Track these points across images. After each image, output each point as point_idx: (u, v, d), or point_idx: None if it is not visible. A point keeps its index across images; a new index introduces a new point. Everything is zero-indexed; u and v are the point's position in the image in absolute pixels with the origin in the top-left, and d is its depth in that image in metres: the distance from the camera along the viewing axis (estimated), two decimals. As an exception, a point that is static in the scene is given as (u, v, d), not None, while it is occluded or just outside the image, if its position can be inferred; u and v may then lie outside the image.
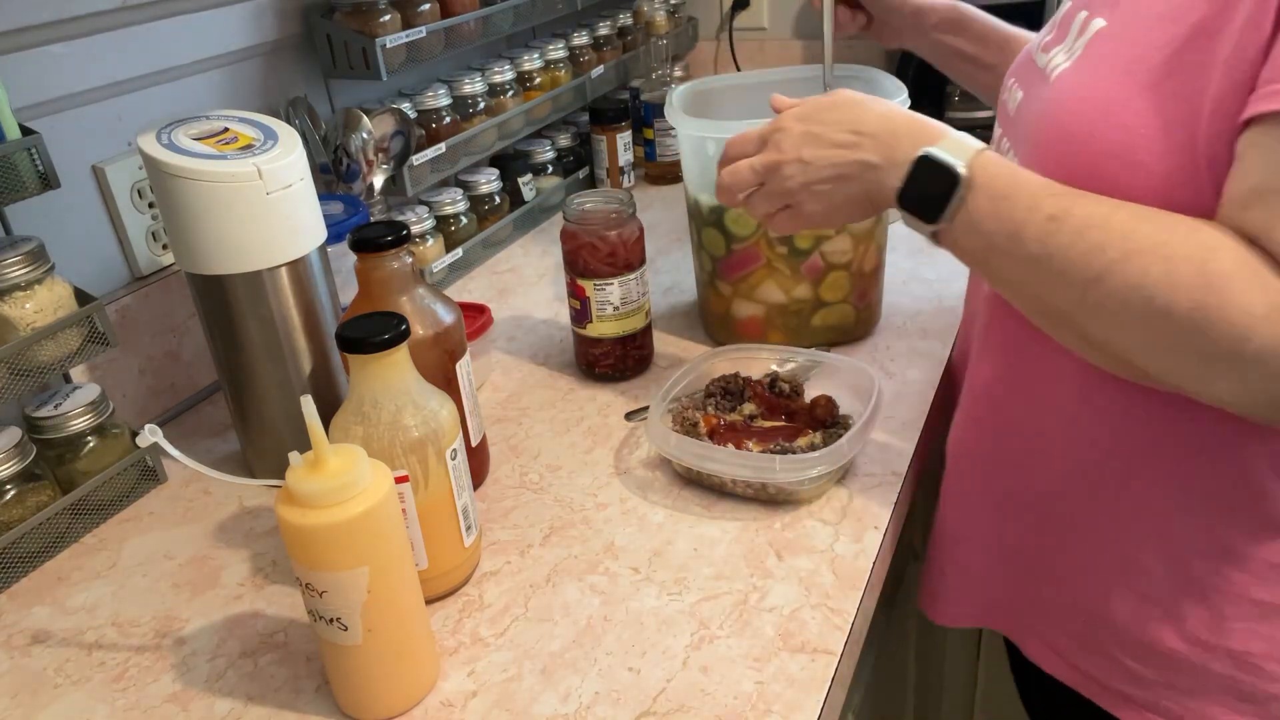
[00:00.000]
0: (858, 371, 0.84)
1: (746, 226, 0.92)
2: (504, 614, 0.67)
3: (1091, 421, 0.64)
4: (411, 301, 0.73)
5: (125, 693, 0.63)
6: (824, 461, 0.72)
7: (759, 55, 1.73)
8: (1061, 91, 0.61)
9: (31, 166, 0.73)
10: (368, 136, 1.01)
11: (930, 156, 0.60)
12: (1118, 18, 0.59)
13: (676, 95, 0.98)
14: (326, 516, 0.53)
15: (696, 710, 0.58)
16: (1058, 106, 0.60)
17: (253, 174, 0.71)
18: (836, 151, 0.65)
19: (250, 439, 0.83)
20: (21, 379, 0.74)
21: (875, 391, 0.78)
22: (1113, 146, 0.55)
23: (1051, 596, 0.71)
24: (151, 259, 0.93)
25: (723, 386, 0.86)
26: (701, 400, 0.85)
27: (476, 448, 0.79)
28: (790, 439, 0.79)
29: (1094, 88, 0.58)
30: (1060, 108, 0.60)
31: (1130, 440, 0.63)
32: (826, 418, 0.82)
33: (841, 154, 0.65)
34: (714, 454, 0.75)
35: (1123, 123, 0.55)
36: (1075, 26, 0.63)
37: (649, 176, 1.53)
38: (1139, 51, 0.55)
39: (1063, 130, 0.59)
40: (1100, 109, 0.56)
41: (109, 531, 0.80)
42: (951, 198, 0.59)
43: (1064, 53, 0.63)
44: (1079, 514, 0.67)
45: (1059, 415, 0.66)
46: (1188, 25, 0.53)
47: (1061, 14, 0.68)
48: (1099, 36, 0.60)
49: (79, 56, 0.84)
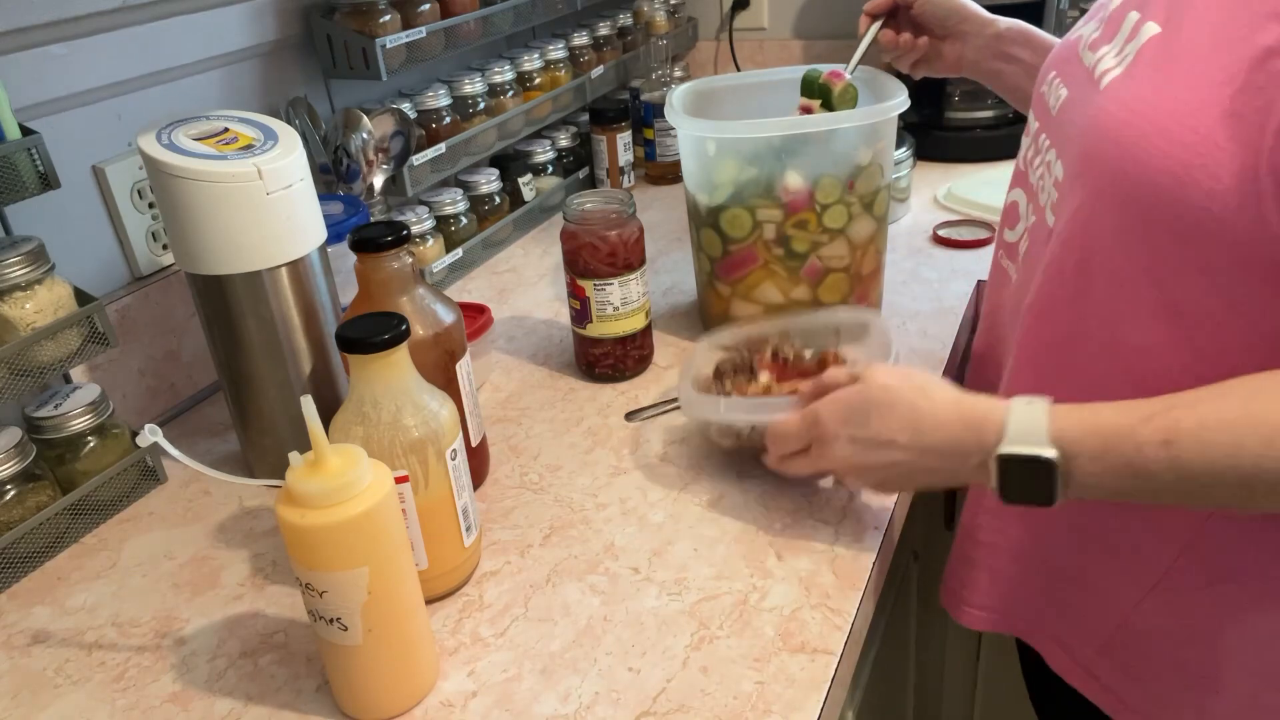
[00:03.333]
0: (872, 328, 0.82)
1: (742, 228, 0.92)
2: (504, 614, 0.67)
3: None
4: (411, 301, 0.73)
5: (125, 693, 0.63)
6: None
7: (759, 55, 1.73)
8: (1115, 101, 0.58)
9: (31, 166, 0.73)
10: (368, 136, 1.01)
11: (1013, 458, 0.57)
12: (1174, 26, 0.57)
13: (676, 95, 0.98)
14: (326, 516, 0.53)
15: (696, 710, 0.58)
16: (1111, 118, 0.58)
17: (253, 174, 0.71)
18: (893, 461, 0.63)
19: (250, 439, 0.83)
20: (21, 379, 0.74)
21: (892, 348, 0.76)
22: (1170, 165, 0.53)
23: (1080, 605, 0.69)
24: (151, 259, 0.93)
25: (733, 365, 0.83)
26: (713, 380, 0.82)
27: (476, 448, 0.79)
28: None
29: (1151, 101, 0.55)
30: (1114, 119, 0.57)
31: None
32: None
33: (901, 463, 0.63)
34: (767, 405, 0.73)
35: (1182, 141, 0.53)
36: (1126, 28, 0.61)
37: (649, 176, 1.53)
38: (1201, 68, 0.53)
39: (1117, 144, 0.56)
40: (1158, 125, 0.54)
41: (109, 531, 0.80)
42: (1055, 483, 0.56)
43: (1114, 56, 0.60)
44: (1113, 525, 0.65)
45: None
46: (1257, 47, 0.51)
47: (1110, 10, 0.65)
48: (1153, 44, 0.57)
49: (79, 56, 0.84)
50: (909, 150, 1.25)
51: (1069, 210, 0.62)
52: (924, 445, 0.61)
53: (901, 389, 0.63)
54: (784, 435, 0.69)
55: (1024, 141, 0.76)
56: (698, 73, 1.78)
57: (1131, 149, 0.55)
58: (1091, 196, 0.60)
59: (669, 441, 0.85)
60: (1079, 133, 0.61)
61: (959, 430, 0.60)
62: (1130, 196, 0.55)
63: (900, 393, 0.63)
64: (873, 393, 0.64)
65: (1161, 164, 0.53)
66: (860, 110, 0.92)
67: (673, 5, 1.67)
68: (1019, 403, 0.59)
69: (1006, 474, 0.57)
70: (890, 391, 0.63)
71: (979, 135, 1.46)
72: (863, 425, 0.64)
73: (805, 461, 0.69)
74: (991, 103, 1.44)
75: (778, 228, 0.91)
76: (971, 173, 1.38)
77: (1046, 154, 0.68)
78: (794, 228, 0.91)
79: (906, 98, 0.89)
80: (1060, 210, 0.64)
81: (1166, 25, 0.57)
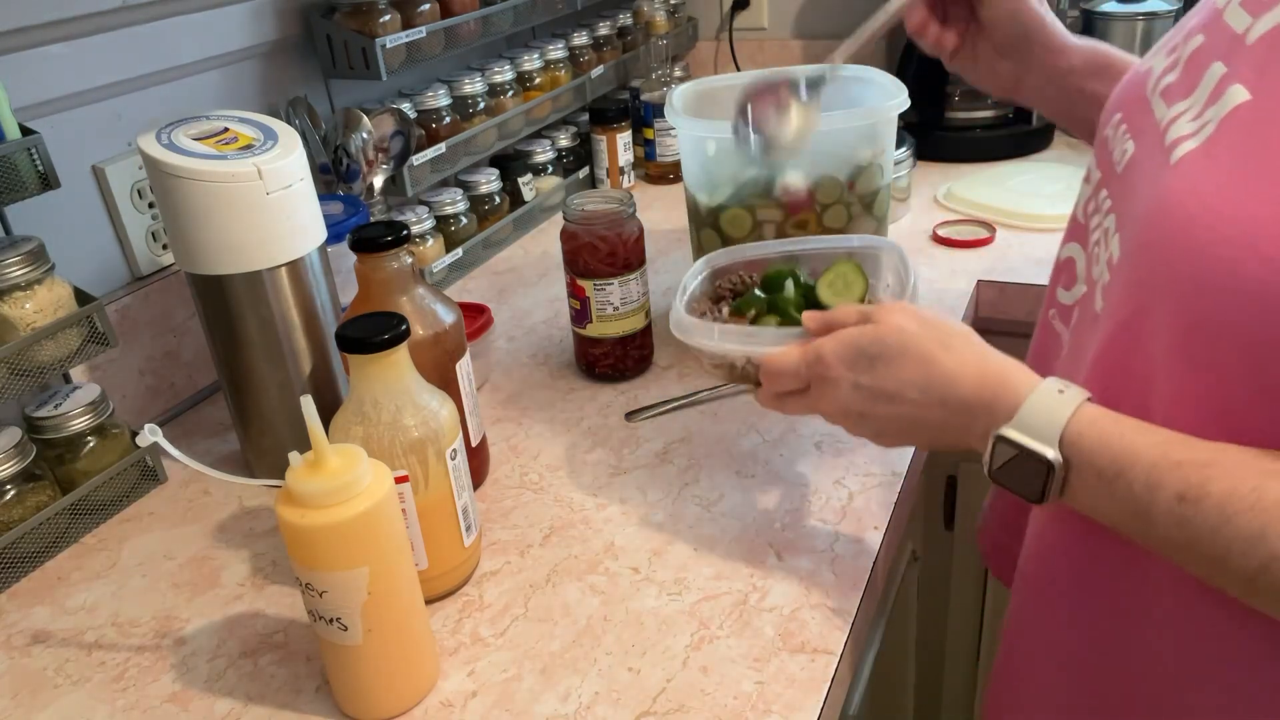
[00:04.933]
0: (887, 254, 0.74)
1: (742, 228, 0.92)
2: (504, 614, 0.67)
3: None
4: (411, 301, 0.73)
5: (125, 693, 0.63)
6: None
7: (759, 55, 1.73)
8: (1185, 189, 0.47)
9: (31, 166, 0.73)
10: (368, 136, 1.01)
11: (1011, 443, 0.51)
12: (1268, 94, 0.45)
13: (676, 95, 0.98)
14: (326, 516, 0.53)
15: (696, 710, 0.58)
16: (1180, 211, 0.46)
17: (253, 174, 0.71)
18: (898, 414, 0.57)
19: (250, 439, 0.83)
20: (21, 379, 0.74)
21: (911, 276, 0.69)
22: (1252, 286, 0.42)
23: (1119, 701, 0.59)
24: (151, 259, 0.93)
25: (731, 288, 0.78)
26: (713, 303, 0.77)
27: (476, 448, 0.79)
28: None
29: (1232, 198, 0.44)
30: (1182, 213, 0.46)
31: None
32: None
33: (905, 416, 0.57)
34: (764, 336, 0.66)
35: (1269, 256, 0.42)
36: (1207, 83, 0.49)
37: (649, 176, 1.53)
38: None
39: (1184, 246, 0.46)
40: (1240, 230, 0.43)
41: (109, 531, 0.80)
42: (1049, 484, 0.50)
43: (1191, 119, 0.49)
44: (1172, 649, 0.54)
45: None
46: None
47: (1190, 50, 0.52)
48: (1241, 114, 0.45)
49: (79, 56, 0.84)
50: (909, 150, 1.25)
51: (1121, 311, 0.52)
52: (933, 401, 0.55)
53: (919, 336, 0.56)
54: (781, 371, 0.62)
55: (1083, 189, 0.64)
56: (698, 73, 1.78)
57: (1201, 257, 0.44)
58: (1148, 302, 0.49)
59: (669, 441, 0.85)
60: (1143, 213, 0.50)
61: (973, 390, 0.54)
62: (1193, 313, 0.45)
63: (917, 340, 0.56)
64: (886, 336, 0.57)
65: (1241, 284, 0.43)
66: (860, 110, 0.92)
67: (673, 5, 1.67)
68: (1049, 386, 0.52)
69: (999, 455, 0.52)
70: (905, 337, 0.56)
71: (979, 135, 1.46)
72: (870, 371, 0.57)
73: (801, 402, 0.62)
74: (992, 102, 1.44)
75: (778, 228, 0.91)
76: (971, 173, 1.38)
77: (1106, 218, 0.57)
78: (794, 228, 0.91)
79: (906, 98, 0.89)
80: (1109, 299, 0.54)
81: (1258, 92, 0.45)
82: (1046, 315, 0.70)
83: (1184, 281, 0.46)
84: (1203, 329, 0.46)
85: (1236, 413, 0.47)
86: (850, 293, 0.72)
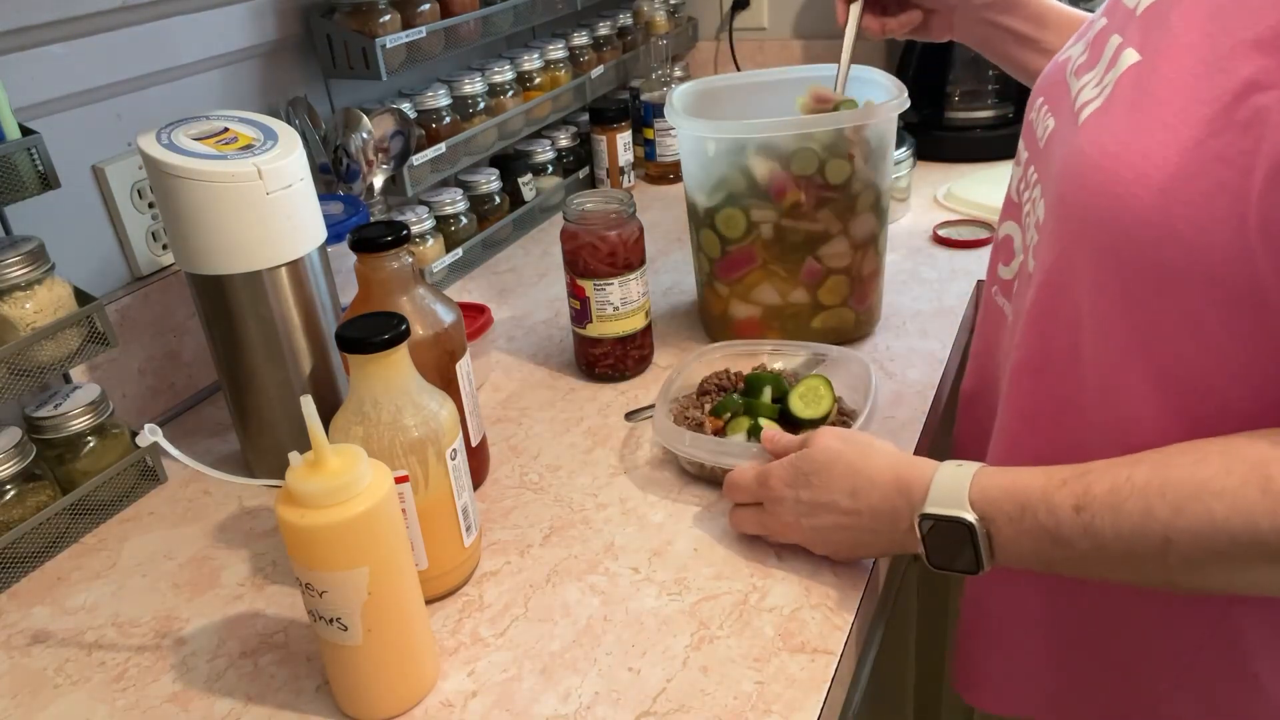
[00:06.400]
0: (855, 365, 0.83)
1: (736, 228, 0.92)
2: (504, 614, 0.67)
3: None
4: (411, 301, 0.73)
5: (125, 693, 0.63)
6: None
7: (759, 55, 1.73)
8: (1089, 140, 0.53)
9: (31, 166, 0.73)
10: (368, 136, 1.01)
11: (932, 519, 0.57)
12: (1152, 53, 0.51)
13: (676, 95, 0.98)
14: (326, 516, 0.53)
15: (696, 710, 0.58)
16: (1084, 160, 0.52)
17: (253, 174, 0.71)
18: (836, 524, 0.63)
19: (250, 439, 0.83)
20: (21, 379, 0.74)
21: (872, 386, 0.78)
22: (1148, 213, 0.48)
23: (1104, 687, 0.65)
24: (151, 259, 0.93)
25: (717, 384, 0.85)
26: (696, 398, 0.84)
27: (476, 448, 0.79)
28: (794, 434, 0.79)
29: (1125, 140, 0.50)
30: (1087, 161, 0.52)
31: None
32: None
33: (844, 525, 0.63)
34: (728, 448, 0.75)
35: (1158, 185, 0.47)
36: (1107, 54, 0.55)
37: (649, 176, 1.53)
38: (1179, 101, 0.48)
39: (1091, 189, 0.52)
40: (1132, 168, 0.49)
41: (109, 531, 0.80)
42: (977, 547, 0.55)
43: (1094, 86, 0.55)
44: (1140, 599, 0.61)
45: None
46: (1239, 79, 0.45)
47: (1095, 31, 0.60)
48: (1131, 73, 0.52)
49: (79, 56, 0.84)
50: (909, 150, 1.25)
51: (1047, 261, 0.58)
52: (861, 506, 0.62)
53: (842, 451, 0.63)
54: (737, 486, 0.70)
55: (1014, 170, 0.70)
56: (698, 73, 1.78)
57: (1107, 193, 0.50)
58: (1069, 247, 0.55)
59: (669, 441, 0.85)
60: (1058, 172, 0.56)
61: (892, 491, 0.60)
62: (1105, 249, 0.51)
63: (840, 454, 0.63)
64: (816, 454, 0.64)
65: (1138, 214, 0.49)
66: (860, 110, 0.92)
67: (673, 5, 1.67)
68: (948, 465, 0.58)
69: (928, 536, 0.57)
70: (830, 453, 0.64)
71: (979, 135, 1.46)
72: (806, 486, 0.64)
73: (756, 520, 0.69)
74: (992, 103, 1.44)
75: (775, 227, 0.91)
76: (971, 173, 1.38)
77: (1034, 189, 0.63)
78: (789, 217, 0.90)
79: (906, 98, 0.89)
80: (1039, 257, 0.60)
81: (1144, 52, 0.52)
82: (989, 293, 0.75)
83: (1094, 224, 0.52)
84: (1116, 262, 0.51)
85: (1158, 342, 0.52)
86: (819, 405, 0.79)
